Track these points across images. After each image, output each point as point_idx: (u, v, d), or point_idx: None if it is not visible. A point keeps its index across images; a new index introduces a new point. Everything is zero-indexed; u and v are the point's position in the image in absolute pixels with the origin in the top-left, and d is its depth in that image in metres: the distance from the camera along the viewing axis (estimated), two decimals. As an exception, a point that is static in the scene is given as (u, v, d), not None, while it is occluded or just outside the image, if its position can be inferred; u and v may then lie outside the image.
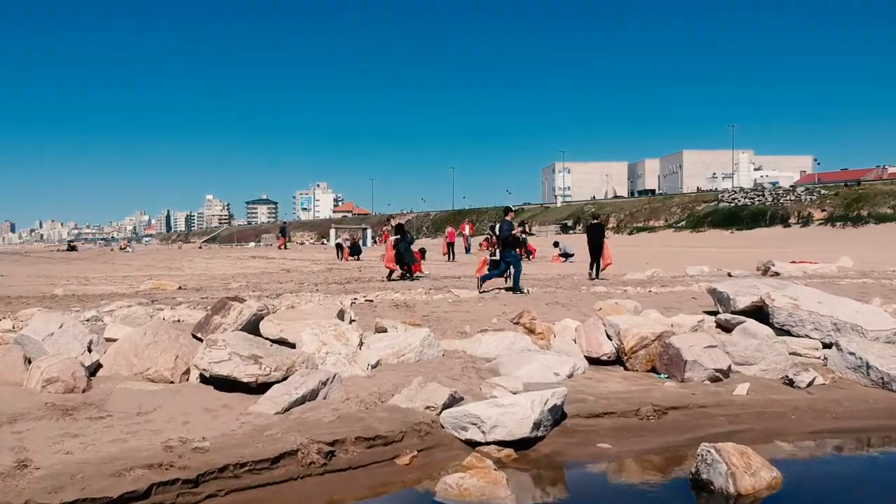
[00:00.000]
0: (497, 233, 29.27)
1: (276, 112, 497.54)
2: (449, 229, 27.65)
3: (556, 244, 25.55)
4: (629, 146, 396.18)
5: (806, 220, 64.00)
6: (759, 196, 73.42)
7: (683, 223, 75.90)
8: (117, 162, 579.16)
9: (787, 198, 70.19)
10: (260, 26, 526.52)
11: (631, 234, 77.91)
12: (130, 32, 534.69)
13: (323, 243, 48.14)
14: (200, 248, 62.98)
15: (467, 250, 30.27)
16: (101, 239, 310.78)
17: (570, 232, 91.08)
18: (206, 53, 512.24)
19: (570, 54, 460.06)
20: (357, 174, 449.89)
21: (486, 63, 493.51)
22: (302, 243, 47.17)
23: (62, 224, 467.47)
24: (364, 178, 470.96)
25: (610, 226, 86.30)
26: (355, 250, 23.89)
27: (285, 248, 35.28)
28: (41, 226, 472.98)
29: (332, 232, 43.02)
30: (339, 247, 24.43)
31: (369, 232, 41.62)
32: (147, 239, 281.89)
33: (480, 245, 33.29)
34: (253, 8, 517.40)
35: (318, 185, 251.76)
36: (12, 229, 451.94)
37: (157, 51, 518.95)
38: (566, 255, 24.29)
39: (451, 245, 25.66)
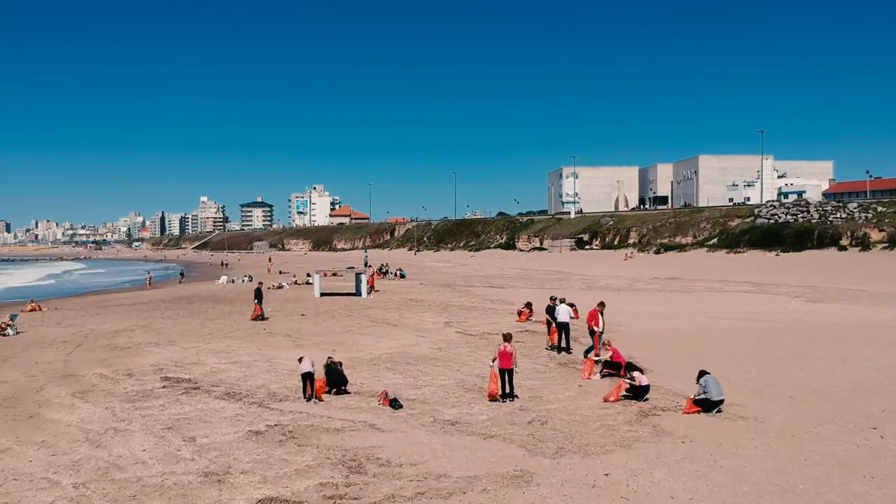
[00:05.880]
0: (557, 317, 19.37)
1: (273, 113, 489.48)
2: (503, 346, 13.07)
3: (701, 375, 12.42)
4: (639, 150, 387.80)
5: (862, 242, 56.32)
6: (802, 211, 65.61)
7: (716, 241, 68.13)
8: (113, 162, 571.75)
9: (837, 215, 62.41)
10: (258, 25, 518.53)
11: (658, 252, 70.01)
12: (127, 33, 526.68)
13: (308, 282, 39.86)
14: (180, 281, 54.78)
15: (562, 347, 18.04)
16: (93, 242, 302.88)
17: (587, 247, 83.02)
18: (204, 53, 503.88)
19: (576, 54, 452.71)
20: (354, 177, 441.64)
21: (488, 64, 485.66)
22: (280, 286, 38.29)
23: (57, 224, 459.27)
24: (361, 181, 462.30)
25: (631, 241, 78.45)
26: (336, 380, 13.25)
27: (262, 317, 25.77)
28: (37, 226, 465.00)
29: (316, 279, 33.32)
30: (306, 378, 12.40)
31: (364, 277, 32.75)
32: (138, 243, 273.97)
33: (520, 314, 24.34)
34: (252, 6, 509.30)
35: (314, 188, 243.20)
36: (7, 229, 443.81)
37: (154, 51, 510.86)
38: (709, 405, 12.02)
39: (507, 374, 12.98)
